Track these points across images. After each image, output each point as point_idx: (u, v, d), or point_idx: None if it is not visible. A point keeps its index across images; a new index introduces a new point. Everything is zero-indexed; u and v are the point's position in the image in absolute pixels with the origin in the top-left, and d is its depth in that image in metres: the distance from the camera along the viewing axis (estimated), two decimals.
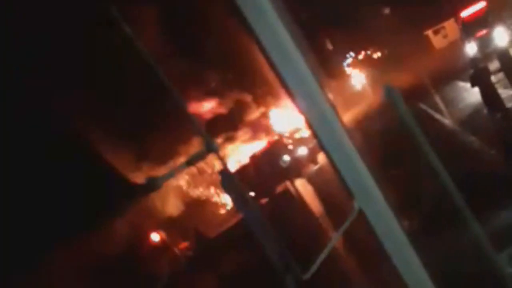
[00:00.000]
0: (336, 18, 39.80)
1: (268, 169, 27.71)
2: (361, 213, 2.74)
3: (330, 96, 2.39)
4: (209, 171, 33.08)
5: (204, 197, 34.53)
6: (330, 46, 41.61)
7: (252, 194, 25.29)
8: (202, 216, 32.21)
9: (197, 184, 34.45)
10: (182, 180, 33.20)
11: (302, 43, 2.33)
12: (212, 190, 34.33)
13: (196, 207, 33.47)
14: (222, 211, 33.53)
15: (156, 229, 28.01)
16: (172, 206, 32.74)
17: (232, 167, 32.47)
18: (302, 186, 22.89)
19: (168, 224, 30.68)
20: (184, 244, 28.67)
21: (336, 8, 39.20)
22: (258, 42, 2.22)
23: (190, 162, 2.23)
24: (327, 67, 37.98)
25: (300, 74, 2.32)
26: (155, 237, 27.47)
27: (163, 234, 27.73)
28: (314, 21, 35.26)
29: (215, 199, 34.36)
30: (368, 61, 47.97)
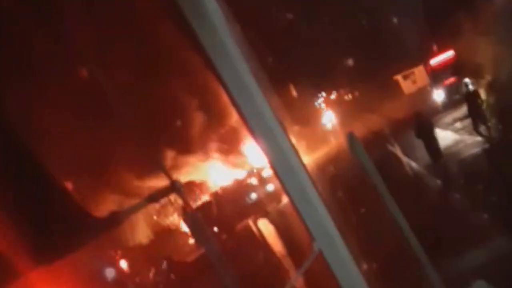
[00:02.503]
0: (303, 64, 40.45)
1: (230, 206, 27.73)
2: (321, 254, 2.77)
3: (293, 139, 2.44)
4: (180, 201, 32.81)
5: (174, 227, 34.24)
6: (295, 93, 42.15)
7: (215, 229, 25.22)
8: (172, 245, 31.88)
9: (167, 213, 34.20)
10: (152, 209, 32.92)
11: (267, 87, 2.39)
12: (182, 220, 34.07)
13: (166, 236, 33.16)
14: (191, 241, 33.20)
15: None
16: (142, 234, 32.44)
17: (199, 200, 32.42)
18: (264, 225, 22.87)
19: (137, 252, 30.40)
20: None
21: (302, 56, 39.95)
22: (224, 85, 2.28)
23: (152, 199, 2.25)
24: (294, 110, 38.44)
25: (263, 118, 2.37)
26: None
27: None
28: (281, 67, 35.76)
29: (185, 229, 34.08)
30: (339, 101, 48.65)
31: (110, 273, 28.17)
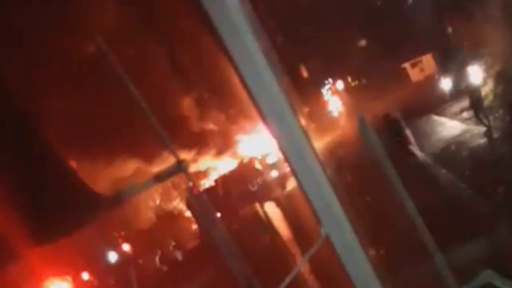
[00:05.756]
0: (313, 45, 40.19)
1: (236, 191, 27.74)
2: (328, 239, 2.73)
3: (303, 121, 2.39)
4: (184, 186, 32.81)
5: (176, 212, 34.29)
6: (305, 74, 41.87)
7: (218, 214, 25.36)
8: (175, 230, 31.98)
9: (171, 198, 34.21)
10: (155, 193, 32.99)
11: (277, 67, 2.33)
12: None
13: (169, 221, 33.23)
14: (194, 226, 33.28)
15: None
16: (144, 219, 32.50)
17: (204, 185, 32.45)
18: (271, 209, 22.86)
19: (139, 236, 30.52)
20: None
21: (313, 36, 39.63)
22: (233, 64, 2.23)
23: (158, 179, 2.20)
24: (302, 93, 38.26)
25: (273, 98, 2.32)
26: None
27: None
28: (291, 47, 35.47)
29: (188, 214, 34.11)
30: (345, 89, 48.45)
31: (111, 255, 28.36)
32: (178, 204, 34.11)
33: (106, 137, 29.11)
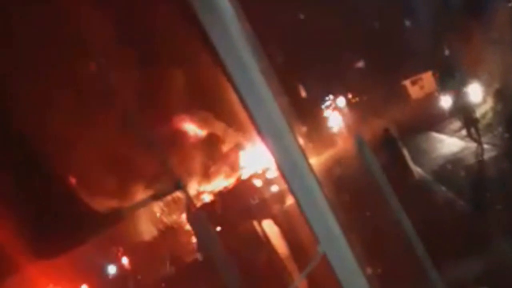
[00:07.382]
0: (313, 64, 40.37)
1: (234, 206, 27.70)
2: (325, 257, 2.75)
3: (301, 140, 2.42)
4: (183, 199, 32.53)
5: (176, 225, 34.18)
6: (305, 92, 41.99)
7: (218, 229, 25.30)
8: (174, 243, 31.89)
9: (171, 211, 34.12)
10: (156, 206, 32.94)
11: (275, 86, 2.37)
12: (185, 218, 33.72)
13: (169, 234, 33.13)
14: (194, 240, 33.17)
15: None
16: (145, 231, 32.44)
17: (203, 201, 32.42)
18: (268, 226, 22.82)
19: (139, 249, 30.47)
20: None
21: (312, 57, 39.84)
22: (232, 83, 2.26)
23: (156, 197, 2.22)
24: (302, 112, 38.25)
25: (271, 118, 2.35)
26: None
27: None
28: (291, 67, 35.57)
29: (188, 227, 33.99)
30: (346, 106, 48.56)
31: (111, 269, 28.26)
32: (178, 218, 34.02)
33: (109, 157, 29.13)
